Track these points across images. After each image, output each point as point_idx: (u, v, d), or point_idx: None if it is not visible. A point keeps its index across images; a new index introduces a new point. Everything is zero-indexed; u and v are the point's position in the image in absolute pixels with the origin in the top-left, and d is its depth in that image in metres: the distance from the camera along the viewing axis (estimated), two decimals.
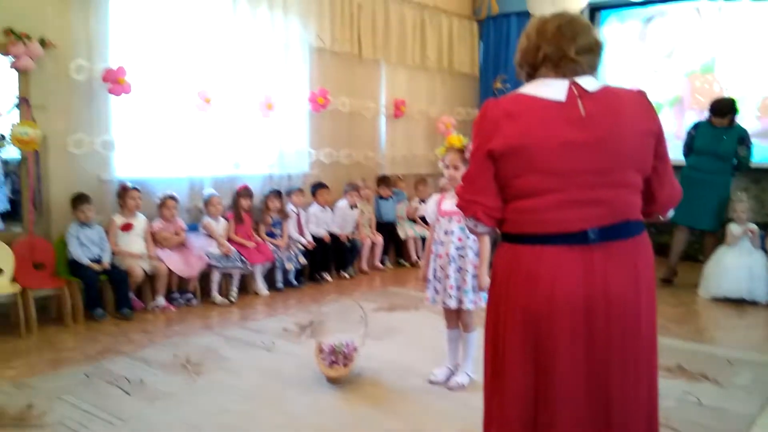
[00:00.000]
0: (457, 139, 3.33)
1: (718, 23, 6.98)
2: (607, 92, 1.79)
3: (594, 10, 7.81)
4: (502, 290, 1.84)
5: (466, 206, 1.86)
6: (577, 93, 1.76)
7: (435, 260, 3.42)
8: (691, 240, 6.71)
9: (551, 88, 1.77)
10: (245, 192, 5.69)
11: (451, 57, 8.11)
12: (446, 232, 3.37)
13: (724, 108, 5.70)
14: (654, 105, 1.85)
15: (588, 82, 1.78)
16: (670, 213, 1.96)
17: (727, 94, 6.32)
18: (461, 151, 3.29)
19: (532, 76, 1.86)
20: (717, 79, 7.04)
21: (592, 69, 1.83)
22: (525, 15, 7.98)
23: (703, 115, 7.00)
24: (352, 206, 6.55)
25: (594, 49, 1.82)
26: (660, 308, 5.33)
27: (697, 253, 6.84)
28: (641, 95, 1.84)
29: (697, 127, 5.94)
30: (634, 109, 1.79)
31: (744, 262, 5.41)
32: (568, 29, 1.80)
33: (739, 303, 5.33)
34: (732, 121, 5.72)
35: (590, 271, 1.72)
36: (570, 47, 1.78)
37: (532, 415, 1.80)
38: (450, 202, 3.39)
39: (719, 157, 5.69)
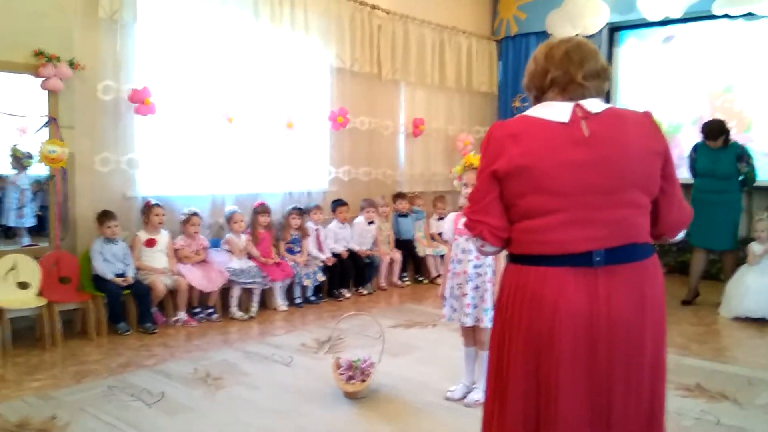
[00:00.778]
0: (475, 158, 3.36)
1: (737, 41, 6.97)
2: (611, 113, 1.80)
3: (613, 30, 7.85)
4: (507, 311, 1.84)
5: (472, 225, 1.87)
6: (580, 114, 1.78)
7: (452, 278, 3.45)
8: (712, 259, 6.66)
9: (555, 110, 1.80)
10: (262, 209, 5.77)
11: (470, 76, 8.17)
12: (464, 251, 3.40)
13: (714, 130, 5.70)
14: (660, 125, 1.86)
15: (592, 104, 1.80)
16: (680, 235, 1.92)
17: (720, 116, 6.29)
18: (476, 170, 3.33)
19: (539, 99, 1.89)
20: (737, 98, 7.01)
21: (598, 94, 1.85)
22: (544, 35, 8.03)
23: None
24: (369, 222, 6.60)
25: (601, 75, 1.85)
26: (681, 328, 5.27)
27: (719, 273, 6.78)
28: (647, 116, 1.84)
29: (696, 149, 5.94)
30: (639, 130, 1.79)
31: (766, 281, 5.35)
32: (576, 54, 1.82)
33: (760, 322, 5.26)
34: (726, 141, 5.71)
35: (594, 294, 1.72)
36: (578, 72, 1.80)
37: None
38: None
39: (721, 177, 5.67)
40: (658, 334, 1.81)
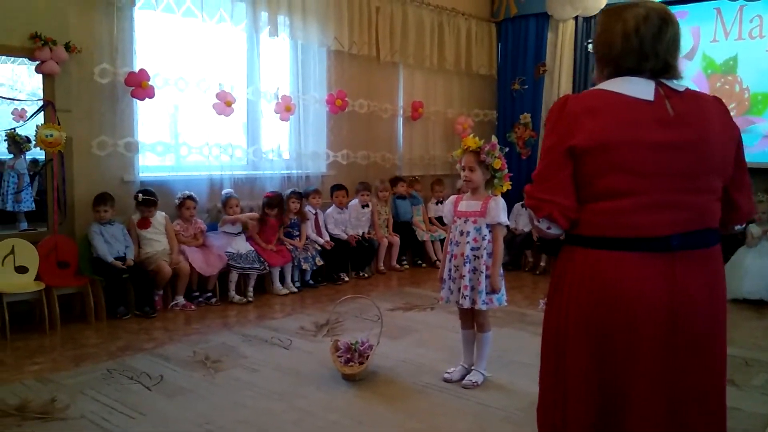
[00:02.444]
0: (472, 140, 3.35)
1: (739, 22, 6.92)
2: (692, 94, 1.73)
3: None
4: (571, 298, 1.72)
5: (539, 206, 1.71)
6: (664, 93, 1.69)
7: (450, 261, 3.45)
8: None
9: (637, 86, 1.68)
10: (277, 201, 5.77)
11: (469, 59, 8.12)
12: (462, 233, 3.39)
13: None
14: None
15: (673, 83, 1.72)
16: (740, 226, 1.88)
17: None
18: (477, 153, 3.32)
19: (614, 75, 1.74)
20: (738, 80, 6.97)
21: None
22: (544, 16, 7.98)
23: None
24: (364, 206, 6.59)
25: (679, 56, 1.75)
26: None
27: None
28: (720, 101, 1.78)
29: None
30: (718, 114, 1.73)
31: (764, 263, 5.37)
32: (677, 41, 1.71)
33: (758, 304, 5.28)
34: None
35: (672, 281, 1.63)
36: (675, 62, 1.71)
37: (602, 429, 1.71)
38: (467, 203, 3.42)
39: None
40: (725, 321, 1.76)
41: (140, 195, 5.04)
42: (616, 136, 1.63)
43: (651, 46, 1.68)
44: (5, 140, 4.71)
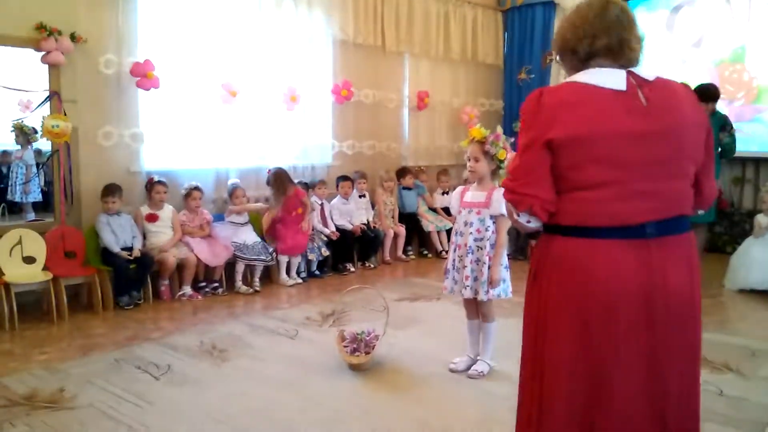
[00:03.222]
0: (478, 131, 3.33)
1: (748, 11, 6.86)
2: (663, 83, 1.75)
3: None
4: (551, 287, 1.75)
5: (519, 200, 1.73)
6: (635, 82, 1.71)
7: (454, 251, 3.45)
8: (718, 232, 6.63)
9: (609, 77, 1.71)
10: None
11: (475, 48, 8.08)
12: (466, 223, 3.39)
13: (712, 94, 5.43)
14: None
15: (644, 72, 1.75)
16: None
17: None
18: (482, 143, 3.31)
19: (583, 63, 1.77)
20: (747, 68, 6.92)
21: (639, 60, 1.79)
22: (550, 5, 7.93)
23: (733, 105, 6.93)
24: (360, 195, 6.60)
25: (642, 41, 1.79)
26: None
27: (725, 245, 6.77)
28: (689, 88, 1.81)
29: None
30: (688, 101, 1.77)
31: None
32: (625, 18, 1.76)
33: (765, 294, 5.25)
34: (714, 108, 5.53)
35: (648, 266, 1.66)
36: (630, 37, 1.74)
37: (585, 420, 1.73)
38: (472, 194, 3.41)
39: None
40: (700, 305, 1.78)
41: (154, 177, 5.09)
42: (592, 128, 1.66)
43: (599, 25, 1.74)
44: (12, 131, 4.72)
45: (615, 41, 1.73)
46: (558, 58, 1.88)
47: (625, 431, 1.70)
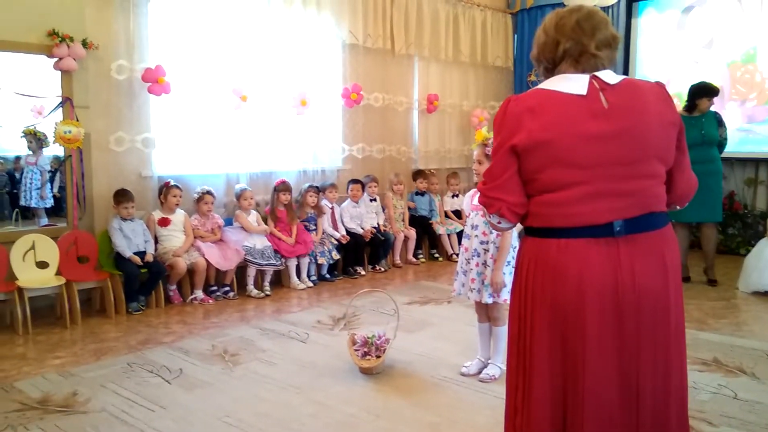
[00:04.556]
0: (482, 134, 3.33)
1: (759, 12, 6.81)
2: (628, 84, 1.79)
3: (631, 1, 7.70)
4: (528, 285, 1.83)
5: (489, 203, 1.84)
6: (598, 86, 1.76)
7: (462, 253, 3.45)
8: (731, 233, 6.57)
9: (572, 83, 1.78)
10: (283, 187, 5.77)
11: (485, 50, 8.07)
12: (473, 226, 3.39)
13: (706, 91, 5.52)
14: (673, 97, 1.86)
15: (608, 76, 1.79)
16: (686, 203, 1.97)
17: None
18: (485, 145, 3.30)
19: (550, 71, 1.87)
20: (759, 69, 6.86)
21: (611, 64, 1.84)
22: (560, 6, 7.87)
23: (745, 106, 6.88)
24: (372, 199, 6.60)
25: (612, 44, 1.83)
26: (698, 302, 5.24)
27: (738, 247, 6.72)
28: (661, 87, 1.84)
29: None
30: (656, 100, 1.79)
31: None
32: (587, 23, 1.80)
33: None
34: (709, 105, 5.55)
35: (617, 264, 1.72)
36: (590, 42, 1.79)
37: (560, 415, 1.80)
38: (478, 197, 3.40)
39: (709, 145, 5.47)
40: (679, 300, 1.82)
41: (170, 181, 5.14)
42: (554, 132, 1.72)
43: (559, 32, 1.82)
44: (24, 136, 4.76)
45: (573, 47, 1.80)
46: (535, 66, 1.97)
47: (596, 425, 1.74)
